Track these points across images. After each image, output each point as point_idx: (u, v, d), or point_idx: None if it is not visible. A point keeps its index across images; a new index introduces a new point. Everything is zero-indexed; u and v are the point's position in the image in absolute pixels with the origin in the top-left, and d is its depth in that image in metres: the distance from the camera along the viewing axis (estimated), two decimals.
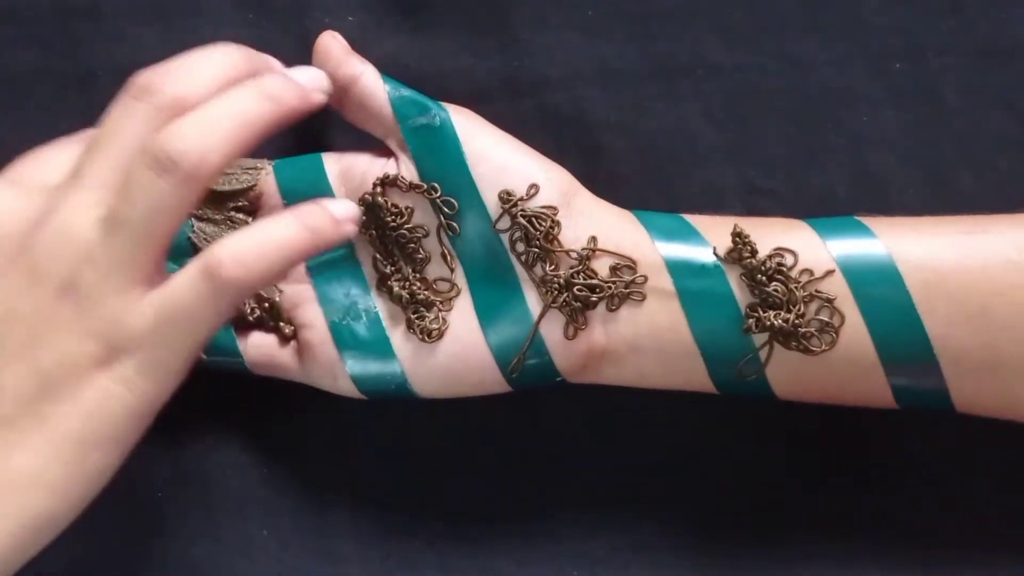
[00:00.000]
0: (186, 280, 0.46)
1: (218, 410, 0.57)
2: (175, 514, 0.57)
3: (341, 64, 0.53)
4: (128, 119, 0.47)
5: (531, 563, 0.56)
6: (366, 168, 0.53)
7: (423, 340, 0.52)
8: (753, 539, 0.55)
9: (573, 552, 0.56)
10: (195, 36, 0.57)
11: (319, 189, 0.53)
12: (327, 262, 0.54)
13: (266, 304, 0.54)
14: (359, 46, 0.54)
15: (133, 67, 0.49)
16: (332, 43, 0.53)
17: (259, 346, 0.54)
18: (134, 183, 0.46)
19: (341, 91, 0.53)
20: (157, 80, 0.48)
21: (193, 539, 0.57)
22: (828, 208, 0.55)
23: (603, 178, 0.56)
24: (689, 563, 0.56)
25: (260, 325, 0.54)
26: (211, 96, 0.47)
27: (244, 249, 0.46)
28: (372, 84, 0.53)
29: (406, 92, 0.53)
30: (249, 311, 0.54)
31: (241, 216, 0.54)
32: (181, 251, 0.54)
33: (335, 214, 0.48)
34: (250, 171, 0.54)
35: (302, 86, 0.50)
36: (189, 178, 0.45)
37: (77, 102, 0.58)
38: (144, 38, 0.58)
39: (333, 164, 0.54)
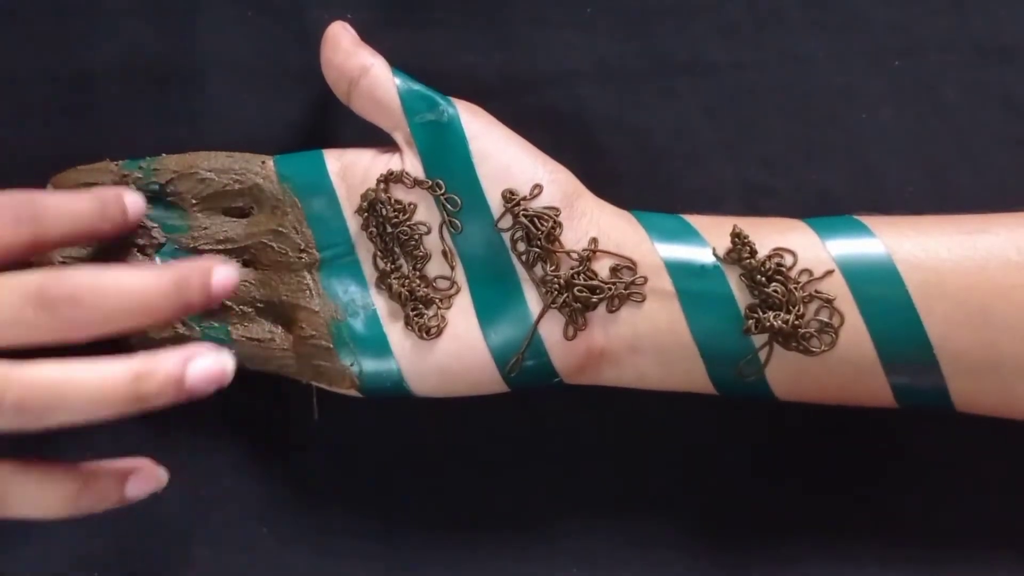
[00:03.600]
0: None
1: (217, 409, 0.56)
2: (175, 514, 0.57)
3: (351, 55, 0.53)
4: (13, 317, 0.46)
5: (531, 562, 0.56)
6: (368, 165, 0.53)
7: (421, 337, 0.52)
8: (753, 539, 0.56)
9: (573, 551, 0.56)
10: (194, 35, 0.57)
11: (320, 186, 0.53)
12: (326, 259, 0.54)
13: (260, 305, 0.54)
14: None
15: (132, 66, 0.49)
16: (342, 33, 0.53)
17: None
18: None
19: (350, 83, 0.53)
20: (64, 307, 0.46)
21: (193, 539, 0.57)
22: (827, 205, 0.55)
23: (602, 175, 0.56)
24: (689, 562, 0.56)
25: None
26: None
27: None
28: (382, 76, 0.53)
29: (416, 86, 0.53)
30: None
31: (229, 220, 0.54)
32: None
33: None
34: (247, 168, 0.54)
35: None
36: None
37: (75, 101, 0.58)
38: (143, 35, 0.57)
39: (334, 161, 0.54)
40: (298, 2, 0.57)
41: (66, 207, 0.49)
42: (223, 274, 0.47)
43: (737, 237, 0.50)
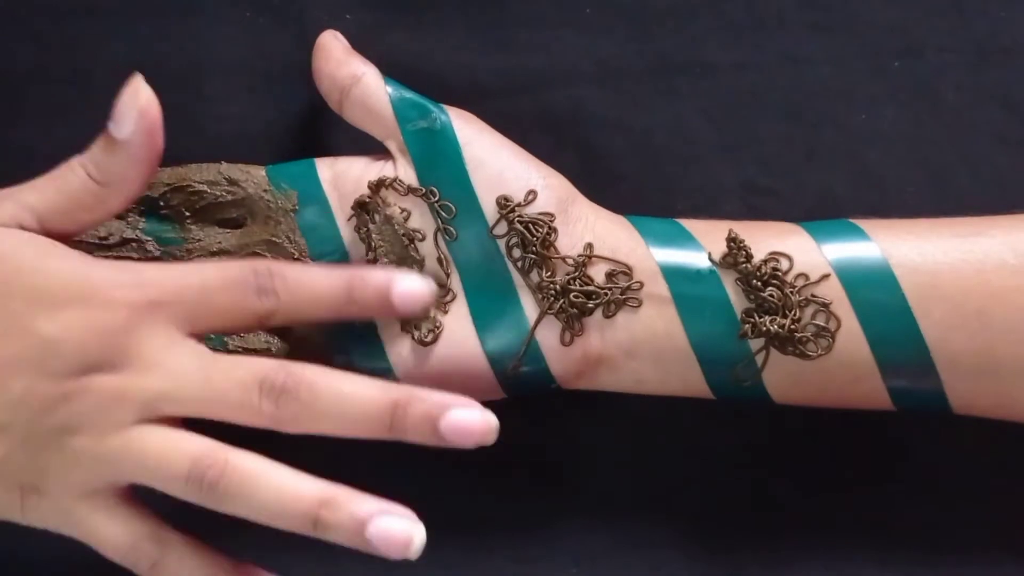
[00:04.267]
0: (178, 455, 0.47)
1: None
2: (174, 515, 0.57)
3: (342, 64, 0.53)
4: (240, 398, 0.47)
5: (531, 561, 0.56)
6: (361, 173, 0.53)
7: (418, 344, 0.52)
8: (753, 539, 0.56)
9: (573, 551, 0.56)
10: (193, 34, 0.57)
11: (312, 194, 0.53)
12: None
13: None
14: (357, 44, 0.54)
15: (131, 66, 0.49)
16: (333, 43, 0.53)
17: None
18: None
19: (342, 92, 0.53)
20: (286, 402, 0.47)
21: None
22: (827, 206, 0.55)
23: (601, 176, 0.56)
24: (689, 562, 0.56)
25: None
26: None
27: (245, 471, 0.47)
28: (374, 85, 0.53)
29: (408, 94, 0.53)
30: None
31: (223, 231, 0.54)
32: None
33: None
34: (239, 179, 0.54)
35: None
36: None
37: (75, 101, 0.58)
38: (142, 36, 0.58)
39: (326, 169, 0.54)
40: (297, 3, 0.57)
41: (308, 285, 0.49)
42: (457, 417, 0.47)
43: (733, 242, 0.50)
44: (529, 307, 0.52)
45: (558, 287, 0.51)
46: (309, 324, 0.52)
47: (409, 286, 0.48)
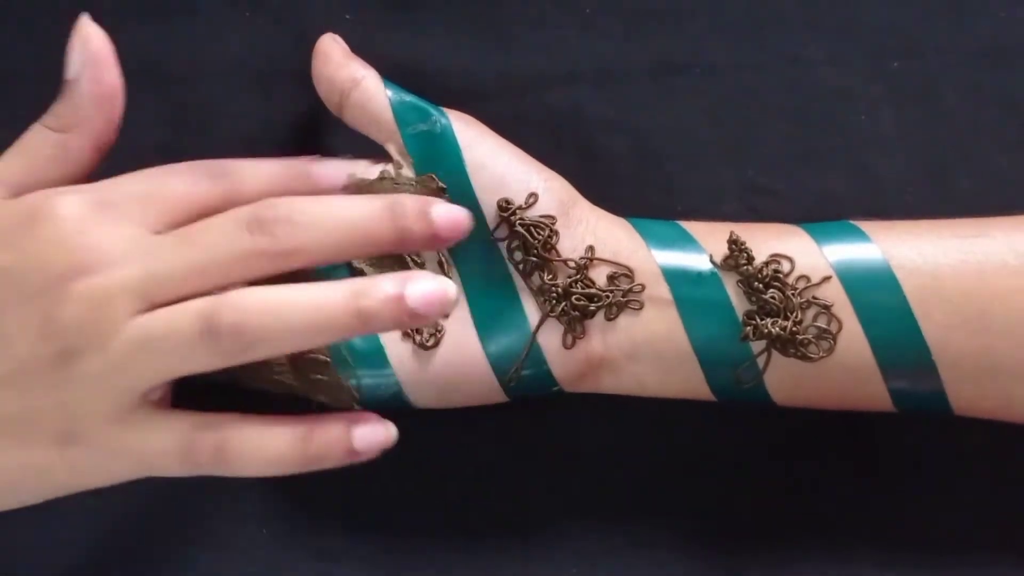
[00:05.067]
0: (183, 317, 0.45)
1: (217, 410, 0.57)
2: (174, 516, 0.57)
3: (342, 67, 0.53)
4: (231, 245, 0.46)
5: (531, 562, 0.56)
6: (362, 176, 0.53)
7: (420, 348, 0.52)
8: (753, 539, 0.56)
9: (573, 551, 0.56)
10: (193, 34, 0.57)
11: None
12: (320, 272, 0.53)
13: None
14: (356, 44, 0.54)
15: (130, 65, 0.49)
16: (332, 46, 0.53)
17: None
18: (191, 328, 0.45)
19: (342, 95, 0.53)
20: (281, 228, 0.46)
21: (192, 539, 0.57)
22: (827, 207, 0.55)
23: (600, 177, 0.56)
24: (689, 562, 0.56)
25: None
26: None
27: (258, 304, 0.45)
28: (373, 89, 0.53)
29: (408, 97, 0.53)
30: None
31: None
32: None
33: (448, 297, 0.45)
34: None
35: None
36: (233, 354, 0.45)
37: None
38: (140, 36, 0.57)
39: None
40: (296, 3, 0.57)
41: (258, 167, 0.50)
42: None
43: (734, 244, 0.50)
44: (531, 310, 0.52)
45: (560, 290, 0.51)
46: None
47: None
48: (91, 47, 0.49)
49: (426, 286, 0.44)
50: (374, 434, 0.46)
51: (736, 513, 0.56)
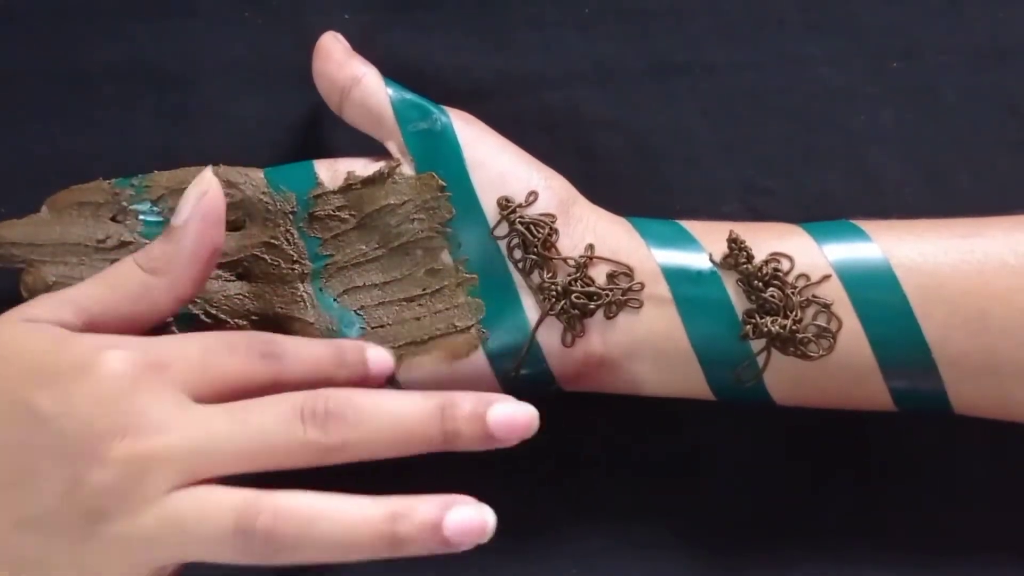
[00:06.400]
0: (219, 509, 0.44)
1: None
2: None
3: (343, 66, 0.53)
4: (284, 434, 0.45)
5: (531, 561, 0.56)
6: (361, 174, 0.53)
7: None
8: (753, 539, 0.56)
9: (573, 551, 0.56)
10: (192, 34, 0.57)
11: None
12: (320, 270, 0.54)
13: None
14: (355, 44, 0.54)
15: (129, 66, 0.49)
16: (334, 44, 0.53)
17: None
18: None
19: (342, 93, 0.53)
20: (333, 423, 0.45)
21: None
22: (826, 206, 0.55)
23: (599, 177, 0.56)
24: (689, 562, 0.56)
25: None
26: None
27: (294, 511, 0.44)
28: (374, 86, 0.53)
29: (408, 95, 0.53)
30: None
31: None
32: None
33: (487, 530, 0.45)
34: (238, 181, 0.54)
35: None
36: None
37: (74, 101, 0.58)
38: (140, 36, 0.58)
39: (325, 171, 0.53)
40: (295, 3, 0.57)
41: (305, 351, 0.49)
42: (503, 410, 0.46)
43: (734, 242, 0.50)
44: (530, 308, 0.52)
45: (559, 288, 0.51)
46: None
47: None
48: (206, 202, 0.49)
49: (466, 514, 0.45)
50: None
51: (736, 513, 0.56)
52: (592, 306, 0.51)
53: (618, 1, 0.57)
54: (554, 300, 0.51)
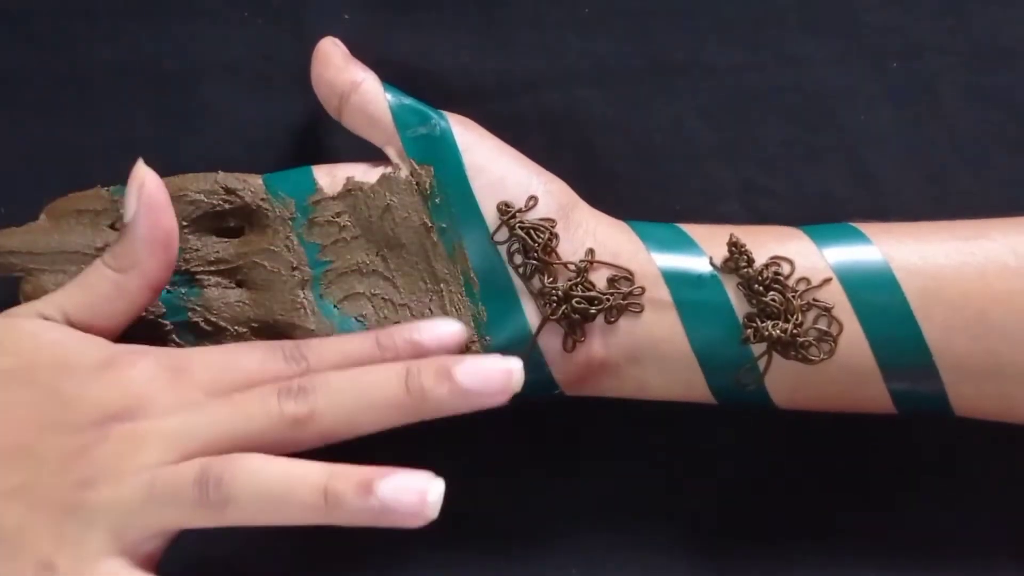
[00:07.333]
0: (189, 466, 0.46)
1: None
2: None
3: (341, 71, 0.53)
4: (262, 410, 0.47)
5: (531, 562, 0.56)
6: (360, 180, 0.53)
7: None
8: (752, 540, 0.56)
9: (573, 551, 0.56)
10: (191, 36, 0.57)
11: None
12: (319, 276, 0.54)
13: None
14: (355, 45, 0.54)
15: (129, 66, 0.49)
16: (332, 49, 0.53)
17: None
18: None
19: (341, 98, 0.52)
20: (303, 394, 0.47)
21: (186, 533, 0.57)
22: (826, 207, 0.55)
23: (599, 177, 0.56)
24: (688, 563, 0.56)
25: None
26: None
27: (243, 462, 0.46)
28: (373, 91, 0.52)
29: (407, 100, 0.53)
30: None
31: (220, 240, 0.54)
32: None
33: (427, 499, 0.45)
34: (236, 188, 0.53)
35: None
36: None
37: (74, 101, 0.58)
38: (140, 37, 0.58)
39: (324, 177, 0.53)
40: (296, 3, 0.57)
41: (332, 346, 0.50)
42: (471, 365, 0.47)
43: (734, 246, 0.50)
44: (531, 313, 0.52)
45: (560, 293, 0.51)
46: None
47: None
48: (146, 192, 0.50)
49: (402, 479, 0.45)
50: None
51: (736, 513, 0.56)
52: (593, 311, 0.51)
53: (618, 1, 0.56)
54: (555, 305, 0.51)
